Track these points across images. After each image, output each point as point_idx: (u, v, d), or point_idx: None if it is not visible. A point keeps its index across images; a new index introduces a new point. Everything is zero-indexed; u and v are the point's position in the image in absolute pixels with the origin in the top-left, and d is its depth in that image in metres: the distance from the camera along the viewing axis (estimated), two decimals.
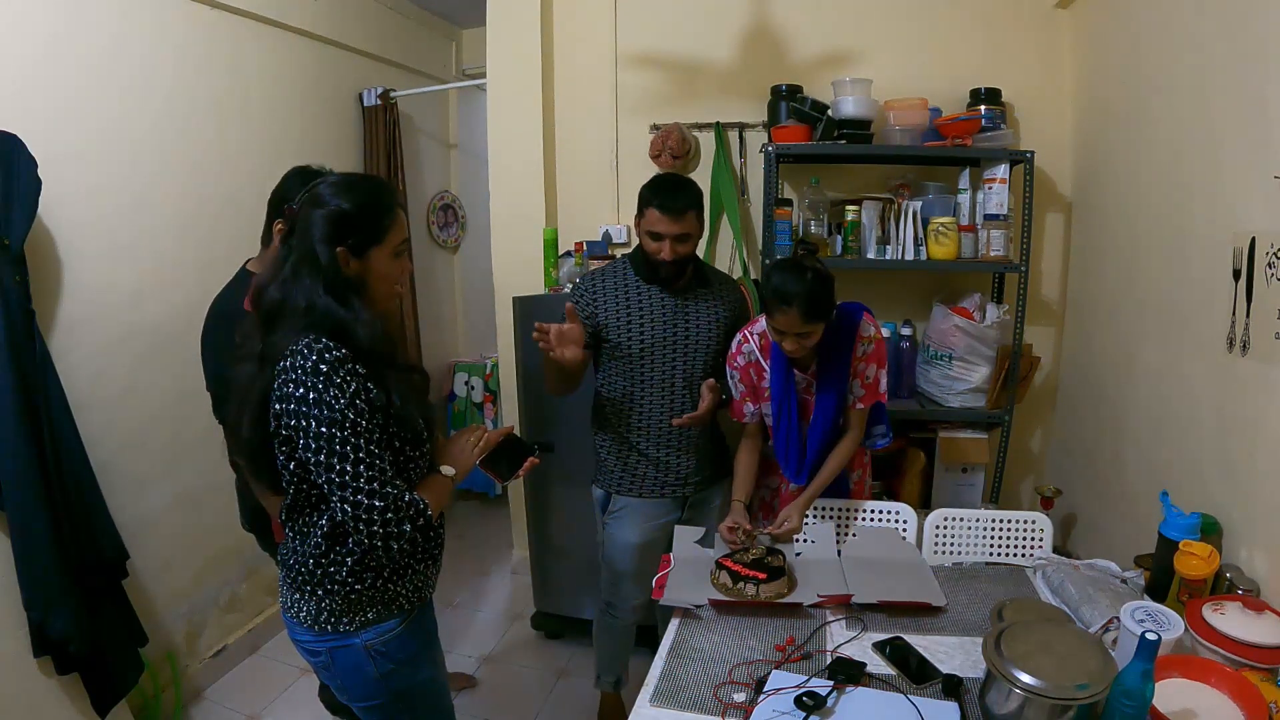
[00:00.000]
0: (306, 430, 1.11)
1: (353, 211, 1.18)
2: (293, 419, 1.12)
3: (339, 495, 1.12)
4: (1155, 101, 1.97)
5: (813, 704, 1.16)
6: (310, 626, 1.25)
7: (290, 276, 1.17)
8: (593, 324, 1.88)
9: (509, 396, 2.96)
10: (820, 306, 1.64)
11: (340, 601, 1.24)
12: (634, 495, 1.97)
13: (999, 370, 2.44)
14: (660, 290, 1.89)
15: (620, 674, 2.22)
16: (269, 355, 1.15)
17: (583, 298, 1.90)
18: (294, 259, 1.17)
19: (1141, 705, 1.03)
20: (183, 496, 2.38)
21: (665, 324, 1.88)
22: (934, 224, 2.39)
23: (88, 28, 2.07)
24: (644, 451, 1.94)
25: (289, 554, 1.27)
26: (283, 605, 1.31)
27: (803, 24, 2.71)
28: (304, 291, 1.15)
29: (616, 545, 2.00)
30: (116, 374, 2.17)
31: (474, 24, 3.81)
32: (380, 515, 1.12)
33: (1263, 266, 1.42)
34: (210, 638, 2.52)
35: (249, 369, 1.18)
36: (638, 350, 1.88)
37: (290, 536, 1.28)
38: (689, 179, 1.89)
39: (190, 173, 2.41)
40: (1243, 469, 1.52)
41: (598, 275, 1.94)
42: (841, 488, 1.91)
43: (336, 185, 1.20)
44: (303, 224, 1.17)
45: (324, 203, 1.17)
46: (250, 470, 1.28)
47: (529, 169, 2.92)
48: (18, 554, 1.78)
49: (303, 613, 1.26)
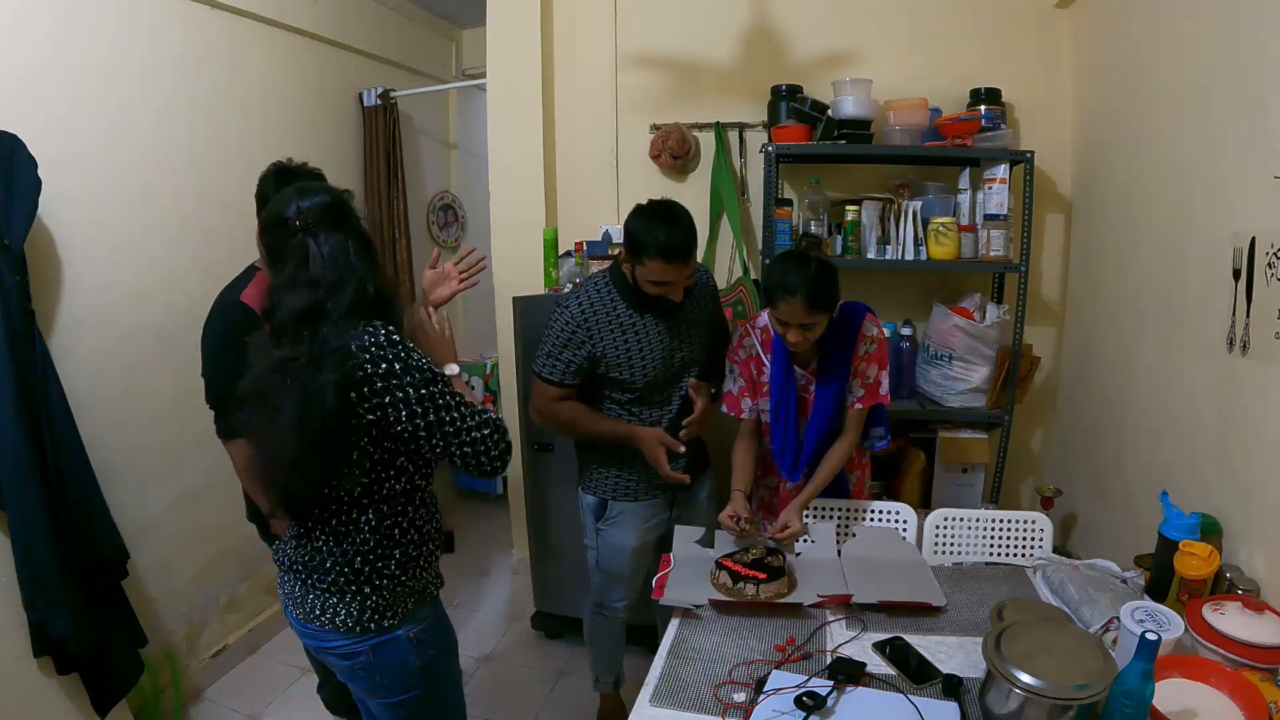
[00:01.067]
0: (407, 399, 1.15)
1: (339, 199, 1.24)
2: (386, 395, 1.14)
3: (456, 443, 1.20)
4: (1155, 101, 1.97)
5: (813, 704, 1.16)
6: (350, 629, 1.24)
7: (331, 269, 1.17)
8: (588, 355, 1.79)
9: (509, 396, 2.97)
10: (824, 296, 1.64)
11: (387, 596, 1.25)
12: (630, 500, 1.96)
13: (999, 370, 2.44)
14: (654, 318, 1.81)
15: (618, 673, 2.22)
16: (327, 350, 1.13)
17: (575, 331, 1.79)
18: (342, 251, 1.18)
19: (1141, 705, 1.03)
20: (183, 496, 2.38)
21: (665, 351, 1.83)
22: (934, 224, 2.39)
23: (88, 28, 2.07)
24: (635, 462, 1.90)
25: (318, 558, 1.23)
26: (302, 615, 1.27)
27: (803, 24, 2.71)
28: (354, 279, 1.17)
29: (615, 550, 2.00)
30: (116, 374, 2.17)
31: (474, 24, 3.81)
32: (493, 440, 1.23)
33: (1263, 266, 1.42)
34: (210, 638, 2.52)
35: (304, 375, 1.13)
36: (641, 382, 1.83)
37: (318, 540, 1.24)
38: (679, 208, 1.71)
39: (190, 173, 2.41)
40: (1243, 469, 1.52)
41: (586, 307, 1.80)
42: (841, 488, 1.91)
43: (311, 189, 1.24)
44: (333, 218, 1.19)
45: (330, 200, 1.21)
46: (297, 479, 1.18)
47: (529, 169, 2.92)
48: (18, 554, 1.78)
49: (340, 616, 1.23)
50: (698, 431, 1.86)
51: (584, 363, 1.80)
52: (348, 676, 1.33)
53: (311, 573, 1.25)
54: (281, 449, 1.15)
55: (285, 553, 1.31)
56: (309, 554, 1.25)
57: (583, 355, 1.79)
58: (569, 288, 2.70)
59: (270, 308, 1.18)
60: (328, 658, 1.31)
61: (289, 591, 1.30)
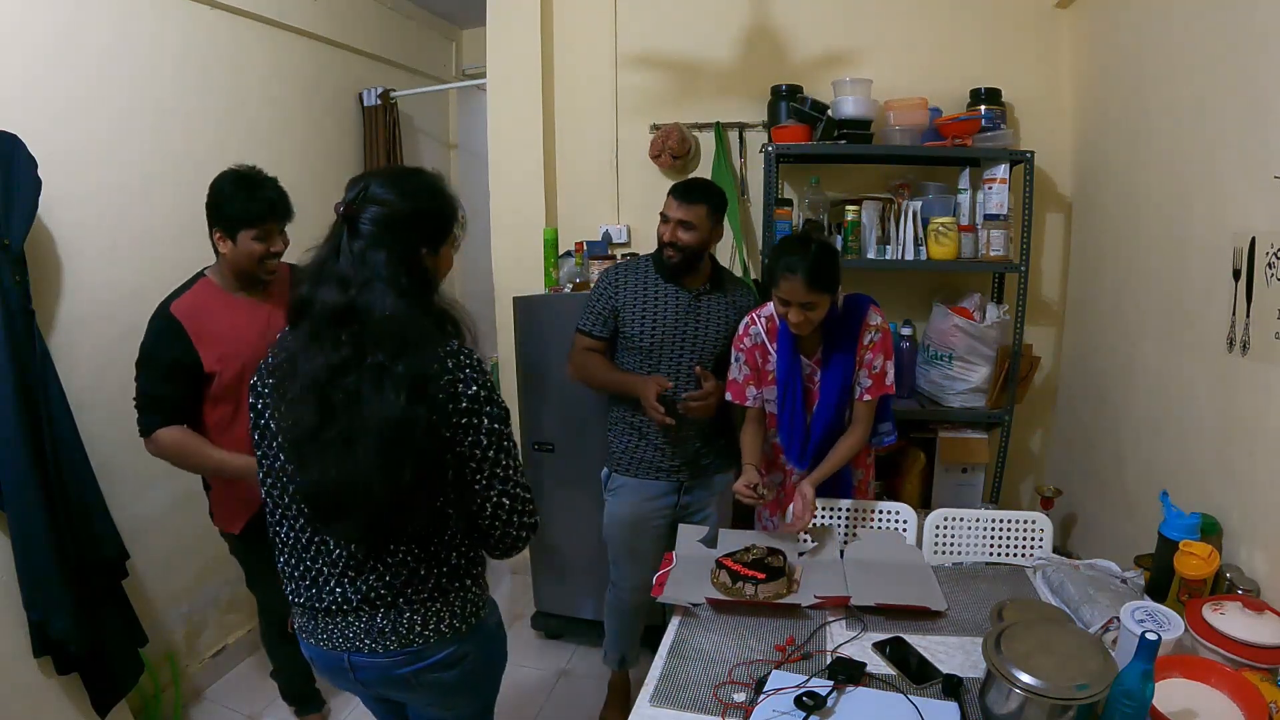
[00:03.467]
0: (479, 427, 1.11)
1: (434, 210, 1.16)
2: (464, 417, 1.09)
3: (500, 489, 1.14)
4: (1155, 101, 1.97)
5: (813, 704, 1.16)
6: (458, 630, 1.19)
7: (387, 286, 1.07)
8: (611, 311, 2.01)
9: (509, 396, 2.96)
10: (823, 275, 1.66)
11: (482, 585, 1.24)
12: (631, 475, 2.07)
13: (999, 370, 2.44)
14: (676, 288, 1.99)
15: (624, 654, 2.26)
16: (422, 372, 1.05)
17: (605, 285, 2.04)
18: (389, 267, 1.08)
19: (1141, 705, 1.03)
20: (183, 496, 2.37)
21: (678, 320, 1.98)
22: (934, 224, 2.39)
23: (89, 28, 2.07)
24: (647, 435, 2.03)
25: (404, 572, 1.14)
26: (395, 644, 1.16)
27: (803, 24, 2.70)
28: (416, 299, 1.10)
29: (611, 519, 2.12)
30: (116, 374, 2.16)
31: (474, 24, 3.80)
32: (527, 506, 1.18)
33: (1263, 266, 1.42)
34: (210, 638, 2.52)
35: (386, 394, 1.03)
36: (649, 344, 1.98)
37: (398, 554, 1.13)
38: (719, 188, 2.01)
39: (190, 173, 2.39)
40: (1243, 469, 1.52)
41: (621, 268, 2.07)
42: (844, 486, 1.92)
43: (404, 184, 1.14)
44: (386, 226, 1.09)
45: (399, 203, 1.11)
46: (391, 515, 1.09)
47: (529, 169, 2.92)
48: (18, 554, 1.78)
49: (445, 620, 1.18)
50: (700, 409, 1.92)
51: (609, 315, 2.02)
52: (438, 692, 1.24)
53: (404, 589, 1.15)
54: (368, 483, 1.04)
55: (335, 595, 1.16)
56: (392, 573, 1.14)
57: (609, 308, 2.02)
58: (569, 288, 2.71)
59: (303, 300, 1.09)
60: (420, 682, 1.20)
61: (355, 633, 1.17)
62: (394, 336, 1.06)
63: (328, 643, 1.19)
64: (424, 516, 1.12)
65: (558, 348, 2.31)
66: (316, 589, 1.18)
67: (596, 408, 2.28)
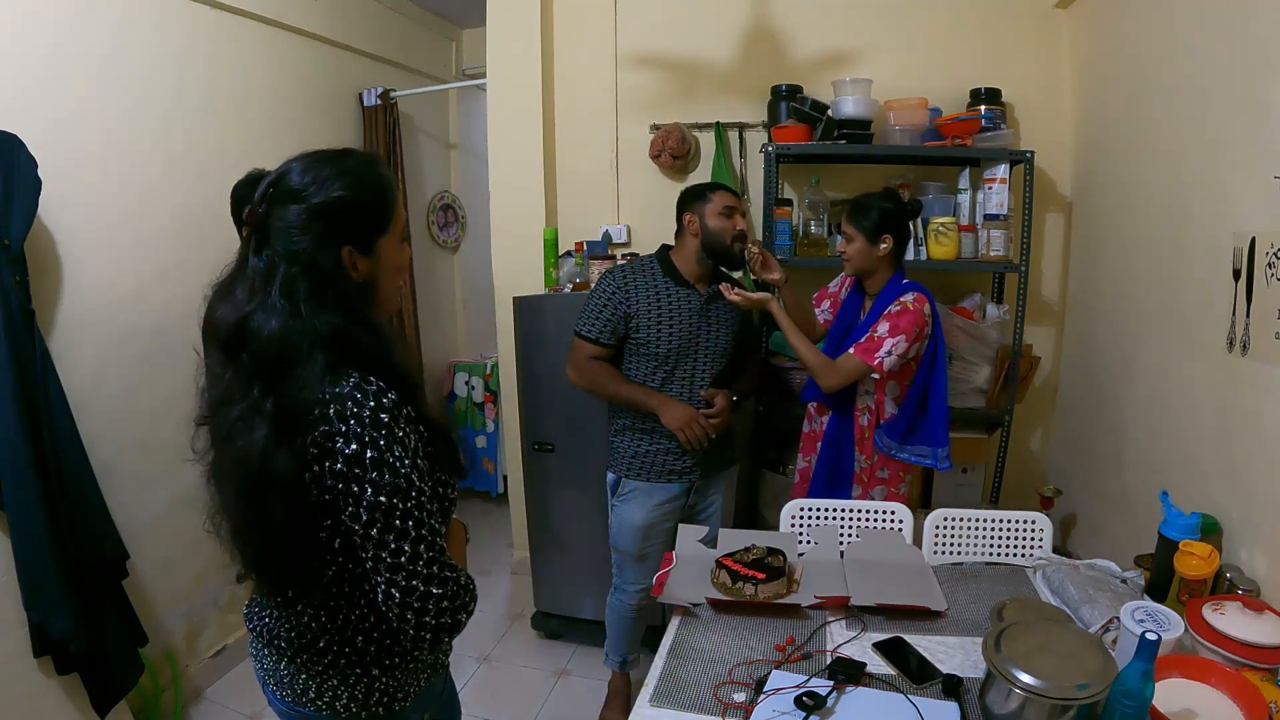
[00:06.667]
0: (359, 497, 0.88)
1: (353, 199, 0.93)
2: (340, 481, 0.88)
3: (387, 578, 0.89)
4: (1155, 101, 1.97)
5: (813, 704, 1.16)
6: (355, 715, 1.01)
7: (283, 300, 0.89)
8: (623, 314, 1.94)
9: (509, 396, 2.96)
10: (860, 212, 1.92)
11: (400, 676, 1.02)
12: (643, 479, 2.04)
13: (999, 370, 2.44)
14: (689, 291, 1.97)
15: (625, 655, 2.26)
16: (292, 411, 0.87)
17: (613, 290, 1.95)
18: (284, 275, 0.90)
19: (1141, 705, 1.03)
20: (183, 497, 2.36)
21: (692, 327, 1.96)
22: (934, 224, 2.39)
23: (90, 29, 2.07)
24: (659, 440, 2.01)
25: (308, 635, 0.99)
26: (290, 698, 1.03)
27: (803, 24, 2.71)
28: (313, 316, 0.89)
29: (622, 525, 2.08)
30: (116, 374, 2.17)
31: (474, 24, 3.81)
32: (436, 605, 0.90)
33: (1263, 266, 1.42)
34: (210, 638, 2.52)
35: (252, 434, 0.87)
36: (665, 350, 1.95)
37: (304, 616, 1.00)
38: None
39: (190, 172, 2.41)
40: (1243, 469, 1.52)
41: (628, 269, 1.99)
42: (844, 477, 2.02)
43: (317, 169, 0.93)
44: (286, 226, 0.91)
45: (308, 195, 0.92)
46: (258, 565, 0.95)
47: (529, 169, 2.92)
48: (18, 554, 1.78)
49: (342, 700, 1.00)
50: (720, 425, 1.96)
51: (619, 322, 1.94)
52: None
53: (300, 651, 1.00)
54: (239, 528, 0.92)
55: (262, 620, 1.05)
56: (294, 629, 1.00)
57: (619, 314, 1.94)
58: (569, 288, 2.71)
59: (221, 333, 0.92)
60: None
61: (268, 667, 1.05)
62: (272, 363, 0.88)
63: (258, 664, 1.09)
64: (311, 583, 0.95)
65: (558, 348, 2.30)
66: (260, 608, 1.07)
67: (597, 408, 2.28)
